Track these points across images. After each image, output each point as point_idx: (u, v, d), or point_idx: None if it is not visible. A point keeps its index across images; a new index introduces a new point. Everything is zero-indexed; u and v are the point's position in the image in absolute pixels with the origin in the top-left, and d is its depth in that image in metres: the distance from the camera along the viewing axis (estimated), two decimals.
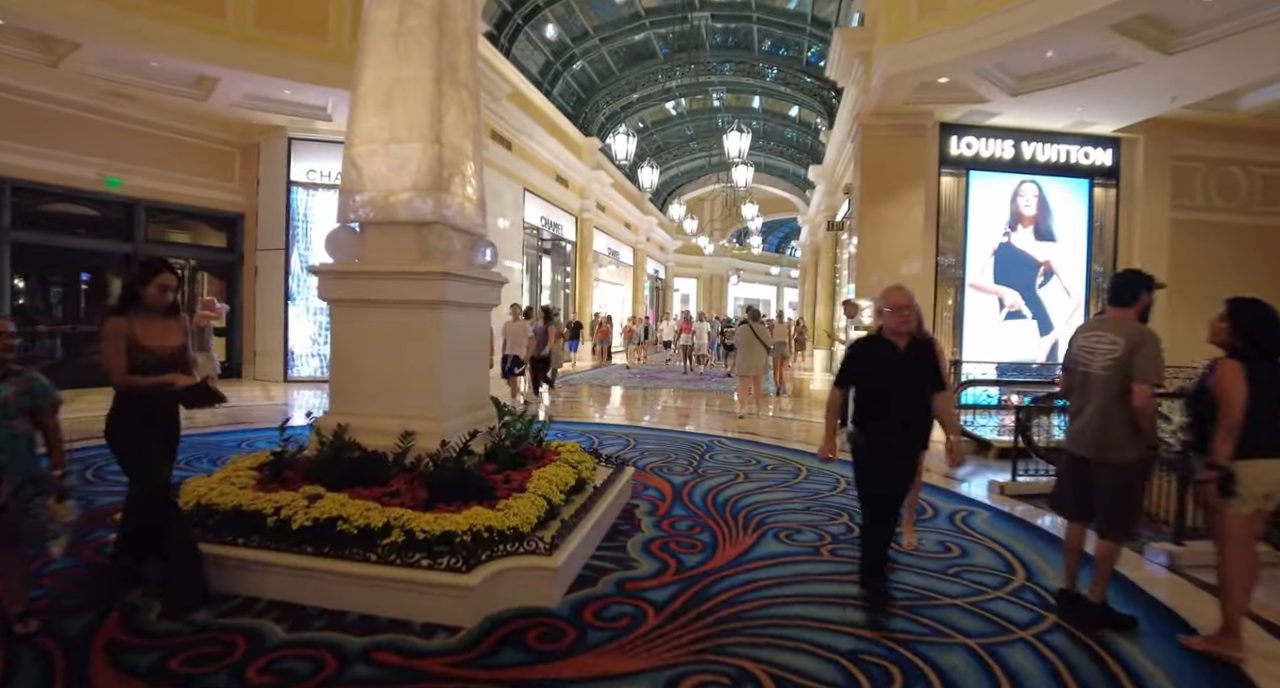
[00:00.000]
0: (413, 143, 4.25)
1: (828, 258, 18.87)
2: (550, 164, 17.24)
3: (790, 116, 23.12)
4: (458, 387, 4.40)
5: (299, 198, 12.51)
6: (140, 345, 3.23)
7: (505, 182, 14.89)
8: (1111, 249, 11.57)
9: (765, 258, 41.32)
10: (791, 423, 9.70)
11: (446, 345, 4.22)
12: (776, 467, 6.55)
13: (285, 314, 12.44)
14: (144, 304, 3.30)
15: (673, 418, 9.78)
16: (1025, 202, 11.37)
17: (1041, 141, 11.28)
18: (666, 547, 4.23)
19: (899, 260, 10.75)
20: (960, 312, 11.19)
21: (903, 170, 10.87)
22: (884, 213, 10.87)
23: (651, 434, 8.09)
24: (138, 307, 3.29)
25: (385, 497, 3.75)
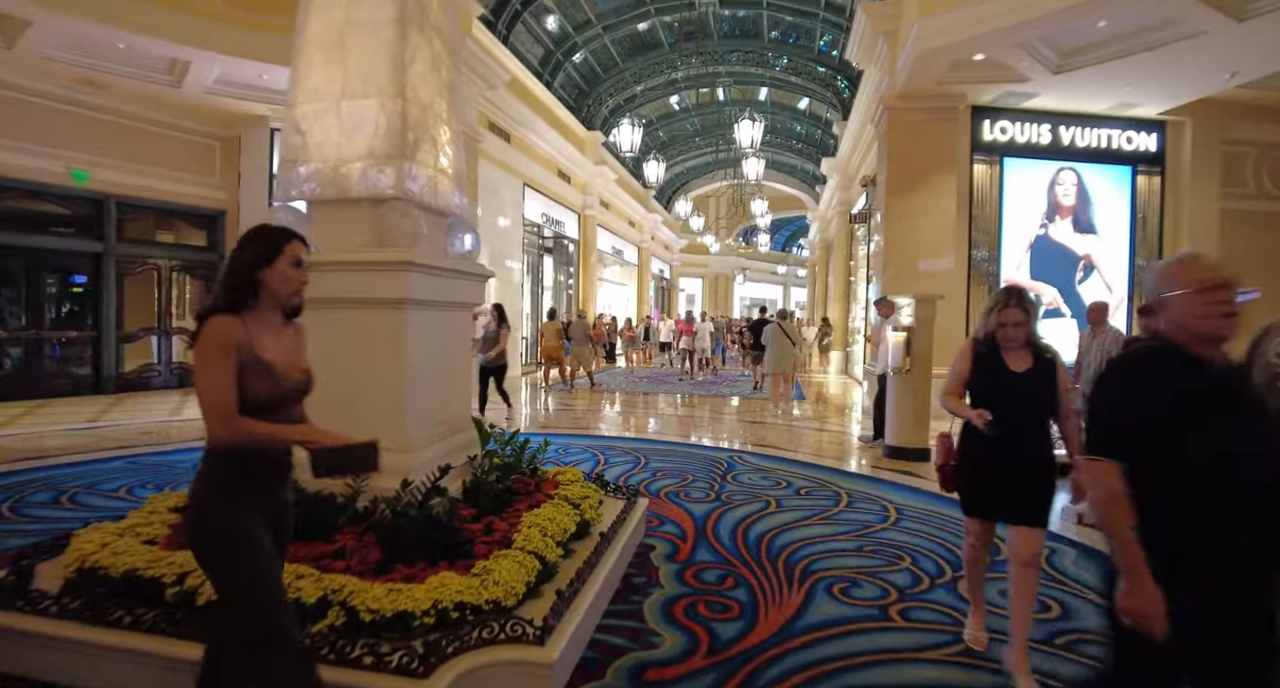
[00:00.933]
0: (368, 99, 3.33)
1: (841, 255, 17.92)
2: (551, 158, 16.32)
3: (799, 109, 22.14)
4: (428, 406, 3.46)
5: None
6: (264, 367, 1.90)
7: (504, 176, 13.98)
8: (1156, 242, 10.59)
9: (772, 257, 40.34)
10: (819, 435, 8.75)
11: (414, 355, 3.29)
12: (810, 490, 5.60)
13: None
14: (265, 295, 1.97)
15: (685, 428, 8.84)
16: (1064, 191, 10.41)
17: (1081, 125, 10.32)
18: (694, 610, 3.29)
19: (929, 254, 9.80)
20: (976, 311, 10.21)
21: (932, 157, 9.92)
22: (912, 203, 9.92)
23: (663, 449, 7.15)
24: (254, 300, 1.96)
25: (327, 558, 2.83)
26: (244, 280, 1.93)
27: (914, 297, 6.82)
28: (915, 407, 6.84)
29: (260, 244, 1.98)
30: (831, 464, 6.66)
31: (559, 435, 7.96)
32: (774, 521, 4.74)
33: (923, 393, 6.86)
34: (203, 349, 1.84)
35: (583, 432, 8.29)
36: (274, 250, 1.97)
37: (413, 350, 3.26)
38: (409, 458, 3.20)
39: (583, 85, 18.40)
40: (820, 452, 7.38)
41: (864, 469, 6.52)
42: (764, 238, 31.71)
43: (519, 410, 9.03)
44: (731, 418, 9.84)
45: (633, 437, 7.93)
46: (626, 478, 5.82)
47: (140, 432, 7.71)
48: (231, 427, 1.82)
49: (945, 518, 4.89)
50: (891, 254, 9.97)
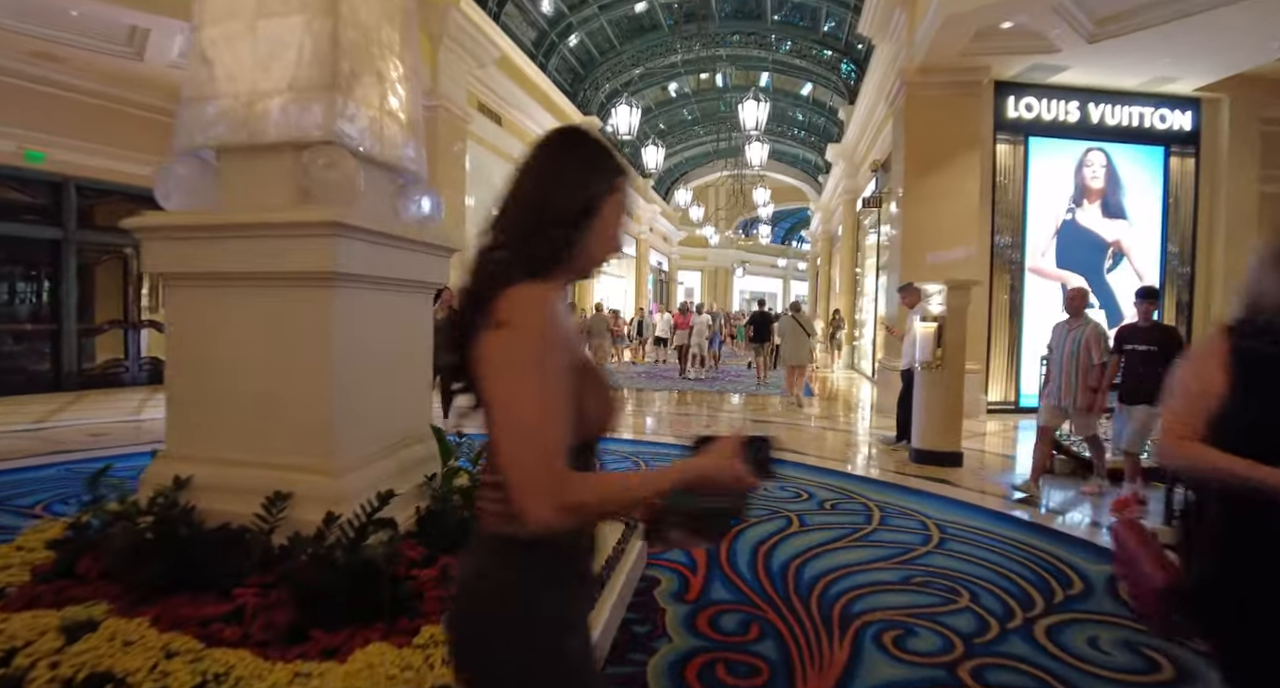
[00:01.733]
0: (291, 17, 2.55)
1: (848, 244, 17.15)
2: None
3: (802, 96, 21.32)
4: (369, 414, 2.69)
5: None
6: (594, 375, 1.15)
7: (495, 161, 13.18)
8: (1190, 228, 9.84)
9: (771, 249, 39.53)
10: (835, 436, 8.00)
11: (346, 347, 2.52)
12: (836, 503, 4.85)
13: None
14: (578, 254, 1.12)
15: (689, 429, 8.07)
16: (1092, 172, 9.65)
17: (1111, 103, 9.55)
18: (711, 675, 2.54)
19: (950, 239, 9.03)
20: (1019, 300, 9.48)
21: (953, 135, 9.14)
22: (932, 185, 9.14)
23: (665, 453, 6.39)
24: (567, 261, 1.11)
25: (219, 622, 2.07)
26: (574, 222, 1.08)
27: (945, 283, 6.06)
28: (946, 406, 6.09)
29: (602, 163, 1.12)
30: (853, 471, 5.91)
31: None
32: (799, 543, 3.99)
33: (955, 390, 6.11)
34: (523, 342, 0.98)
35: None
36: (612, 178, 1.12)
37: (345, 341, 2.49)
38: (338, 483, 2.44)
39: (578, 69, 17.57)
40: (839, 456, 6.63)
41: (891, 476, 5.77)
42: (765, 229, 30.87)
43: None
44: (738, 417, 9.08)
45: (631, 439, 7.17)
46: None
47: (89, 434, 6.94)
48: (586, 487, 0.99)
49: (995, 537, 4.15)
50: (910, 239, 9.20)
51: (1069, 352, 5.06)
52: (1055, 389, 5.18)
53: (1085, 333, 5.03)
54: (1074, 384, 5.03)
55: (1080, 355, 5.00)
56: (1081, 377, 4.99)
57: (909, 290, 6.70)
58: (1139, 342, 4.86)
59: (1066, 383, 5.06)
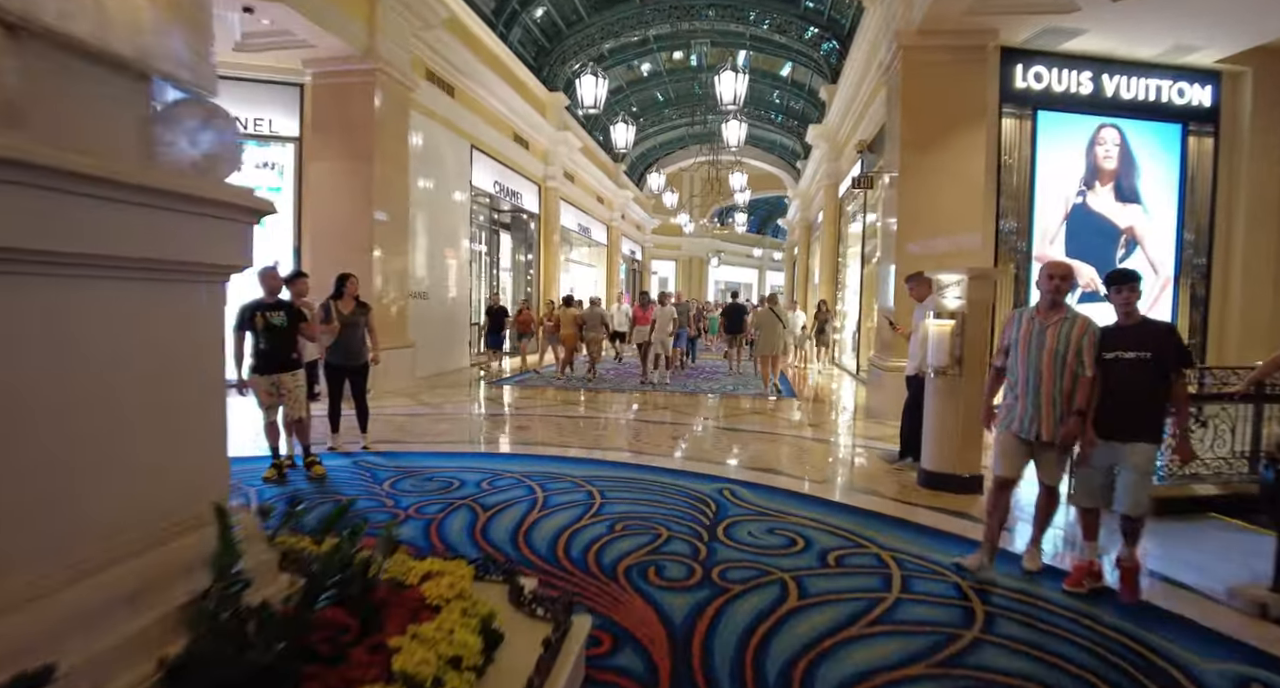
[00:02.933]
0: None
1: (829, 233, 16.12)
2: (506, 120, 14.20)
3: (781, 77, 20.20)
4: (78, 492, 1.50)
5: None
6: None
7: (447, 135, 11.85)
8: (1208, 213, 8.92)
9: (747, 239, 38.51)
10: (827, 451, 6.93)
11: (14, 380, 1.33)
12: (841, 555, 3.75)
13: None
14: None
15: (658, 443, 6.92)
16: (1105, 151, 8.66)
17: (1127, 74, 8.56)
18: None
19: (952, 225, 7.99)
20: (1025, 292, 8.49)
21: (955, 107, 8.08)
22: (931, 163, 8.08)
23: (626, 479, 5.24)
24: None
25: None
26: None
27: (967, 271, 4.98)
28: (964, 420, 5.03)
29: None
30: (856, 502, 4.81)
31: (489, 458, 6.03)
32: (800, 629, 2.87)
33: (974, 402, 5.04)
34: None
35: (522, 449, 6.35)
36: None
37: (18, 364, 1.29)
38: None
39: (544, 42, 16.23)
40: (836, 478, 5.54)
41: (902, 509, 4.69)
42: (741, 218, 29.79)
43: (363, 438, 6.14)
44: (715, 425, 7.96)
45: (587, 458, 5.99)
46: (570, 536, 3.91)
47: None
48: None
49: (1061, 614, 3.08)
50: (906, 224, 8.13)
51: (1048, 355, 3.43)
52: (1022, 412, 3.52)
53: (1075, 329, 3.41)
54: (1056, 405, 3.43)
55: (1068, 361, 3.41)
56: (1064, 394, 3.43)
57: (918, 280, 5.62)
58: (1124, 347, 3.33)
59: (1047, 403, 3.43)
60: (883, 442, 6.88)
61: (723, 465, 5.76)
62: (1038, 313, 3.55)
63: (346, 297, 6.02)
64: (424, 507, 4.42)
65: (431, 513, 4.31)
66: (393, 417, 7.61)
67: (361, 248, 9.34)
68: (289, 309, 5.19)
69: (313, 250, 9.53)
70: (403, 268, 10.12)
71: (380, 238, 9.52)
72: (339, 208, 9.40)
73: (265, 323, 5.02)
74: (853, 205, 14.57)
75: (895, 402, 8.04)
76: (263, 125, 9.59)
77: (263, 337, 5.03)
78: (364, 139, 9.31)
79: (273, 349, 5.08)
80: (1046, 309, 3.53)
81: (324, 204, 9.49)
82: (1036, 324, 3.52)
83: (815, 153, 17.27)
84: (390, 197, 9.73)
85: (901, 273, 8.01)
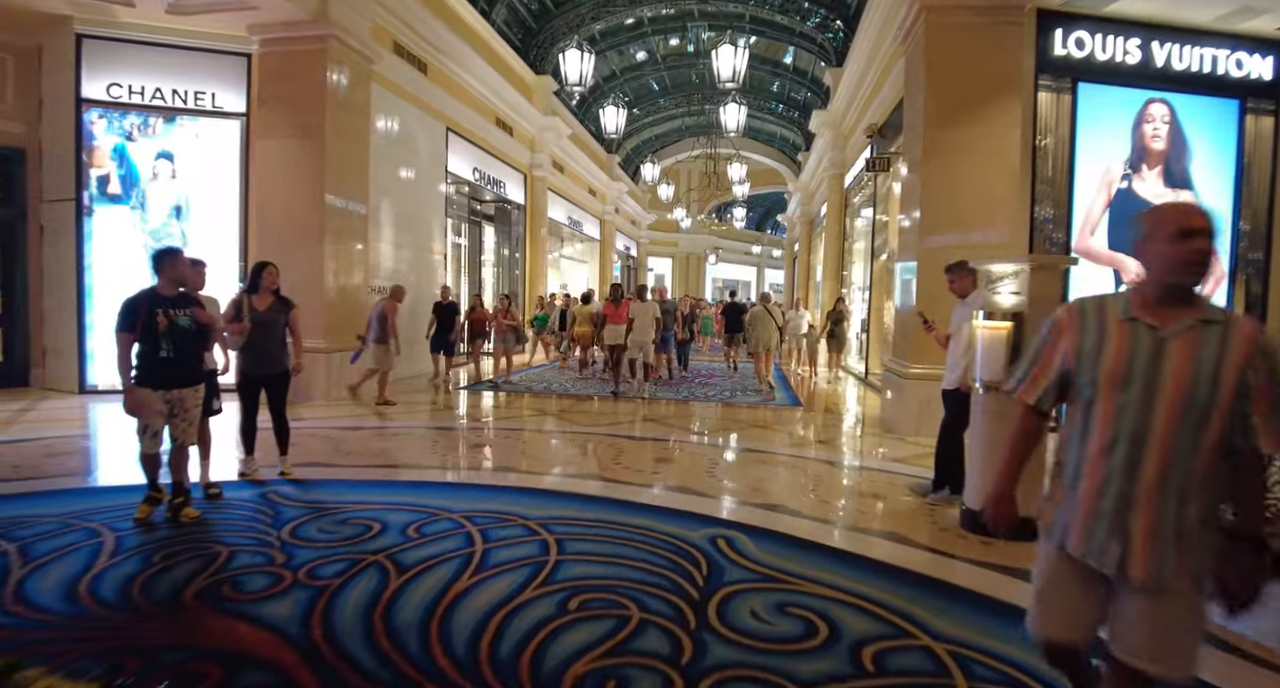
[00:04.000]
0: None
1: (833, 227, 15.00)
2: (487, 103, 13.06)
3: (783, 65, 19.06)
4: None
5: (96, 125, 8.24)
6: None
7: (418, 115, 10.72)
8: (1266, 200, 7.82)
9: (745, 236, 37.38)
10: (843, 478, 5.82)
11: None
12: (880, 646, 2.64)
13: (80, 294, 8.23)
14: None
15: (629, 466, 5.78)
16: (1153, 129, 7.55)
17: (1178, 41, 7.45)
18: None
19: (982, 211, 6.90)
20: (1063, 287, 7.37)
21: (986, 78, 6.98)
22: (958, 141, 6.97)
23: (590, 519, 4.11)
24: None
25: None
26: None
27: (1028, 261, 3.87)
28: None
29: None
30: (887, 554, 3.71)
31: (428, 489, 4.92)
32: None
33: None
34: None
35: (471, 478, 5.22)
36: None
37: None
38: None
39: (530, 22, 15.09)
40: (858, 520, 4.41)
41: (945, 566, 3.59)
42: (739, 213, 28.63)
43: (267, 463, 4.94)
44: (708, 442, 6.85)
45: (548, 490, 4.85)
46: (504, 620, 2.80)
47: None
48: None
49: None
50: (932, 211, 7.03)
51: (1174, 395, 1.61)
52: (1089, 514, 1.72)
53: (1236, 343, 1.60)
54: (1172, 507, 1.63)
55: (1217, 408, 1.60)
56: (1199, 482, 1.63)
57: (961, 272, 4.52)
58: None
59: (1152, 499, 1.64)
60: (906, 464, 5.77)
61: (716, 500, 4.64)
62: (1141, 307, 1.70)
63: (263, 290, 4.90)
64: (321, 567, 3.31)
65: (328, 577, 3.20)
66: (332, 431, 6.50)
67: (312, 236, 8.23)
68: (196, 306, 4.09)
69: (259, 238, 8.42)
70: (362, 259, 8.99)
71: (335, 225, 8.40)
72: (288, 191, 8.29)
73: (170, 324, 3.90)
74: (859, 197, 13.46)
75: (915, 414, 6.96)
76: (204, 100, 8.45)
77: (165, 341, 3.90)
78: (315, 114, 8.18)
79: (178, 358, 3.96)
80: (1163, 300, 1.68)
81: (272, 187, 8.38)
82: (1141, 332, 1.67)
83: (819, 142, 16.15)
84: (348, 180, 8.60)
85: (923, 266, 6.94)
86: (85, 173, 8.17)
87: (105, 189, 8.24)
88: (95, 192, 8.21)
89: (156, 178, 8.38)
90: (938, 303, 6.68)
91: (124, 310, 3.88)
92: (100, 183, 8.23)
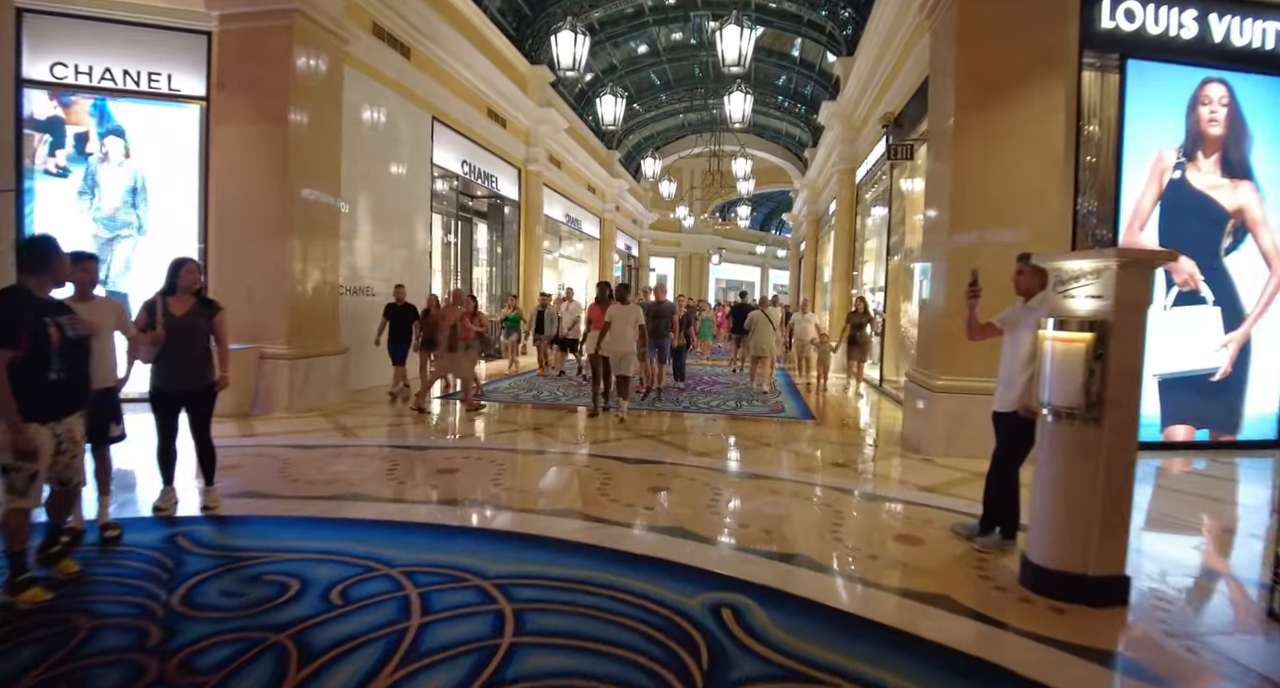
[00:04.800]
0: None
1: (843, 224, 14.16)
2: (478, 93, 12.27)
3: (790, 57, 18.24)
4: None
5: (39, 109, 7.47)
6: None
7: (400, 103, 9.94)
8: None
9: (749, 235, 36.54)
10: (869, 515, 5.01)
11: None
12: None
13: None
14: None
15: (615, 499, 4.96)
16: (1210, 112, 6.72)
17: (1239, 14, 6.61)
18: None
19: (1021, 204, 6.07)
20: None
21: (1024, 54, 6.15)
22: (994, 124, 6.15)
23: (560, 578, 3.28)
24: None
25: None
26: None
27: (1115, 256, 3.05)
28: (1103, 492, 3.10)
29: None
30: (933, 629, 2.88)
31: (371, 531, 4.10)
32: None
33: (1122, 463, 3.12)
34: None
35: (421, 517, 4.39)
36: None
37: None
38: None
39: (525, 9, 14.31)
40: (896, 577, 3.57)
41: (1005, 645, 2.77)
42: (744, 210, 27.77)
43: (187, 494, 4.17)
44: (709, 465, 6.02)
45: (512, 533, 3.96)
46: None
47: None
48: None
49: None
50: (964, 204, 6.20)
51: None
52: None
53: None
54: None
55: None
56: None
57: (1027, 268, 3.69)
58: None
59: None
60: (940, 495, 4.95)
61: (719, 548, 3.81)
62: None
63: (182, 292, 4.09)
64: (204, 653, 2.51)
65: (207, 668, 2.40)
66: (283, 450, 5.69)
67: (276, 230, 7.44)
68: (71, 312, 3.25)
69: (219, 232, 7.65)
70: (334, 256, 8.20)
71: (303, 219, 7.61)
72: (251, 182, 7.51)
73: (62, 337, 3.06)
74: (872, 192, 12.63)
75: (944, 432, 6.12)
76: (159, 82, 7.67)
77: (57, 360, 3.05)
78: (280, 99, 7.40)
79: (69, 379, 3.09)
80: None
81: (233, 177, 7.59)
82: None
83: (827, 135, 15.32)
84: (316, 169, 7.81)
85: (953, 263, 6.12)
86: (25, 159, 7.39)
87: (49, 173, 7.46)
88: (40, 176, 7.43)
89: (107, 159, 7.60)
90: (958, 302, 5.88)
91: (2, 318, 3.02)
92: (45, 169, 7.45)
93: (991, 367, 5.80)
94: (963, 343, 6.03)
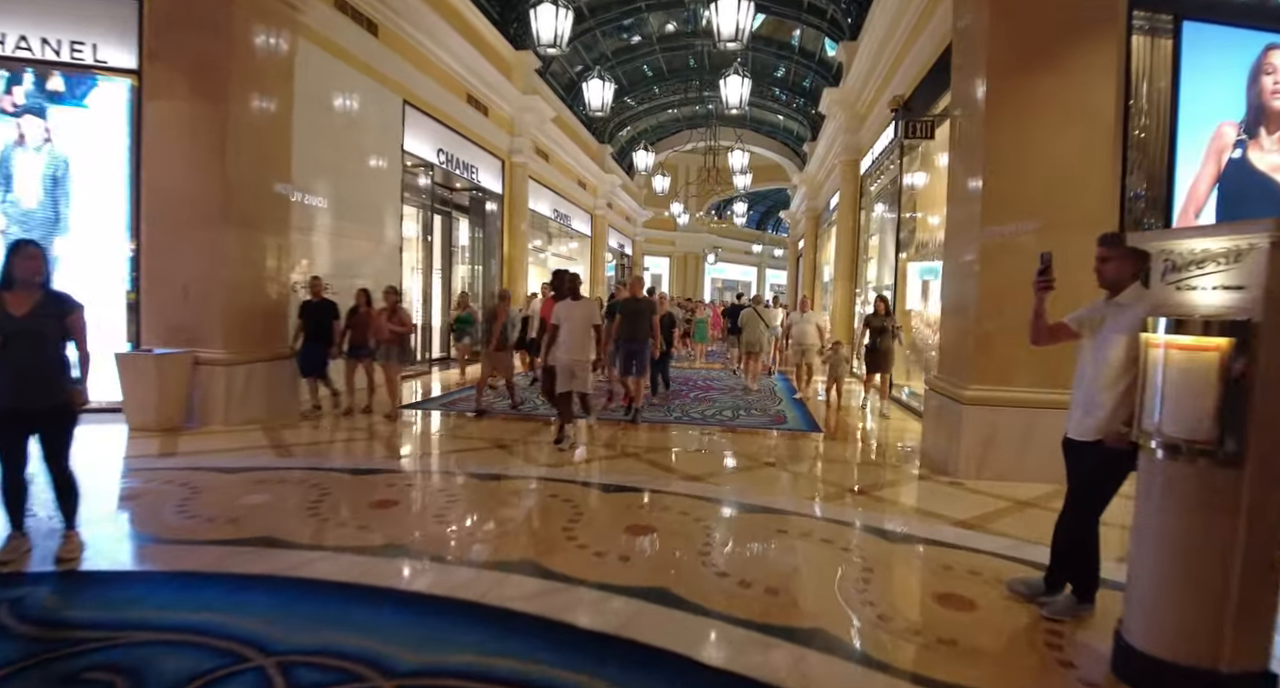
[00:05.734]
0: None
1: (846, 220, 13.29)
2: (457, 76, 11.37)
3: (788, 46, 17.36)
4: None
5: None
6: None
7: (365, 84, 9.02)
8: None
9: (746, 234, 35.67)
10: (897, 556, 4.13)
11: None
12: None
13: None
14: None
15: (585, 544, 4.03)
16: (1275, 82, 5.85)
17: None
18: None
19: (1065, 185, 5.19)
20: None
21: (1064, 16, 5.28)
22: (1033, 92, 5.27)
23: (493, 676, 2.43)
24: None
25: None
26: None
27: (1265, 231, 2.17)
28: (1250, 559, 2.22)
29: None
30: None
31: (266, 593, 3.19)
32: None
33: (1273, 516, 2.24)
34: None
35: (336, 573, 3.49)
36: None
37: None
38: None
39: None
40: (951, 667, 2.67)
41: None
42: (740, 208, 26.86)
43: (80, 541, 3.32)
44: (702, 494, 5.11)
45: (439, 597, 3.09)
46: None
47: None
48: None
49: None
50: (997, 183, 5.31)
51: None
52: None
53: None
54: None
55: None
56: None
57: (1116, 252, 2.81)
58: None
59: None
60: (981, 532, 4.06)
61: (715, 622, 2.89)
62: None
63: (20, 287, 3.18)
64: None
65: None
66: (196, 474, 4.77)
67: (213, 221, 6.53)
68: None
69: (150, 221, 6.73)
70: (284, 250, 7.29)
71: (246, 207, 6.70)
72: (185, 164, 6.59)
73: None
74: (877, 184, 11.76)
75: (976, 451, 5.19)
76: (83, 52, 6.75)
77: None
78: (219, 73, 6.50)
79: None
80: None
81: (165, 159, 6.68)
82: None
83: (829, 125, 14.45)
84: (261, 152, 6.90)
85: (985, 255, 5.25)
86: None
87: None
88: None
89: (23, 143, 6.69)
90: (1004, 304, 5.01)
91: None
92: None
93: (1034, 374, 4.93)
94: (996, 347, 5.18)
